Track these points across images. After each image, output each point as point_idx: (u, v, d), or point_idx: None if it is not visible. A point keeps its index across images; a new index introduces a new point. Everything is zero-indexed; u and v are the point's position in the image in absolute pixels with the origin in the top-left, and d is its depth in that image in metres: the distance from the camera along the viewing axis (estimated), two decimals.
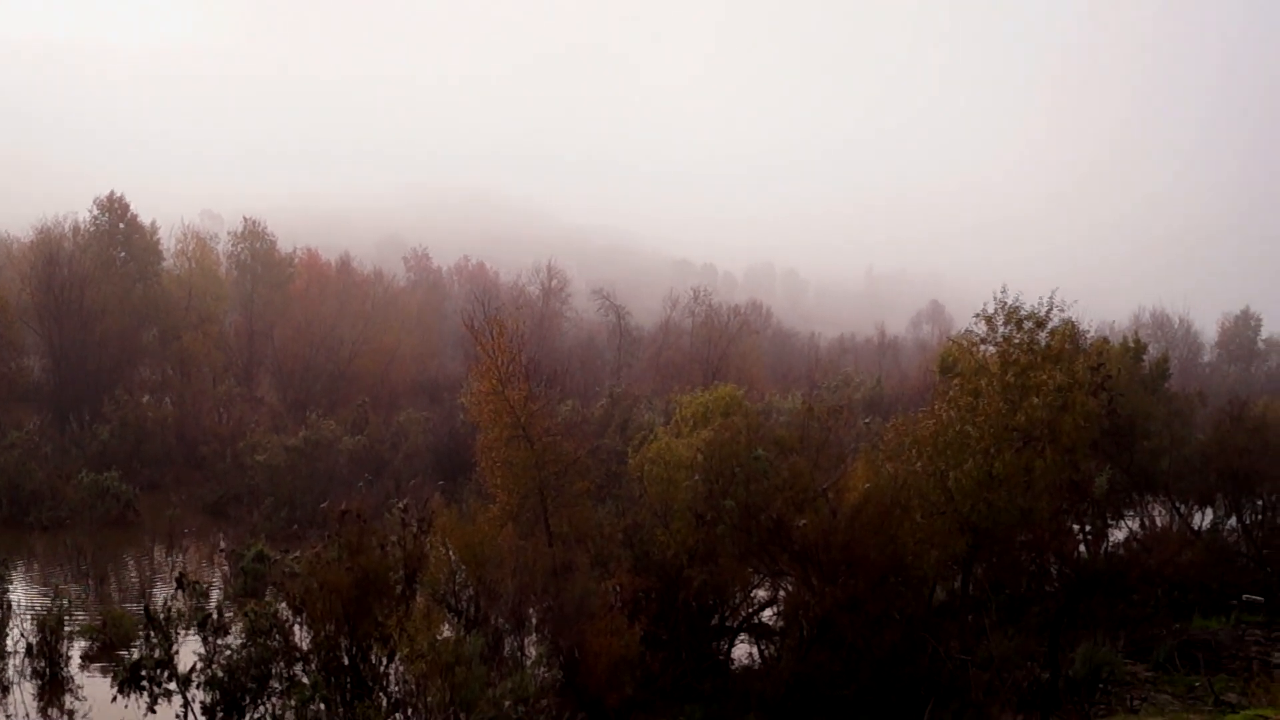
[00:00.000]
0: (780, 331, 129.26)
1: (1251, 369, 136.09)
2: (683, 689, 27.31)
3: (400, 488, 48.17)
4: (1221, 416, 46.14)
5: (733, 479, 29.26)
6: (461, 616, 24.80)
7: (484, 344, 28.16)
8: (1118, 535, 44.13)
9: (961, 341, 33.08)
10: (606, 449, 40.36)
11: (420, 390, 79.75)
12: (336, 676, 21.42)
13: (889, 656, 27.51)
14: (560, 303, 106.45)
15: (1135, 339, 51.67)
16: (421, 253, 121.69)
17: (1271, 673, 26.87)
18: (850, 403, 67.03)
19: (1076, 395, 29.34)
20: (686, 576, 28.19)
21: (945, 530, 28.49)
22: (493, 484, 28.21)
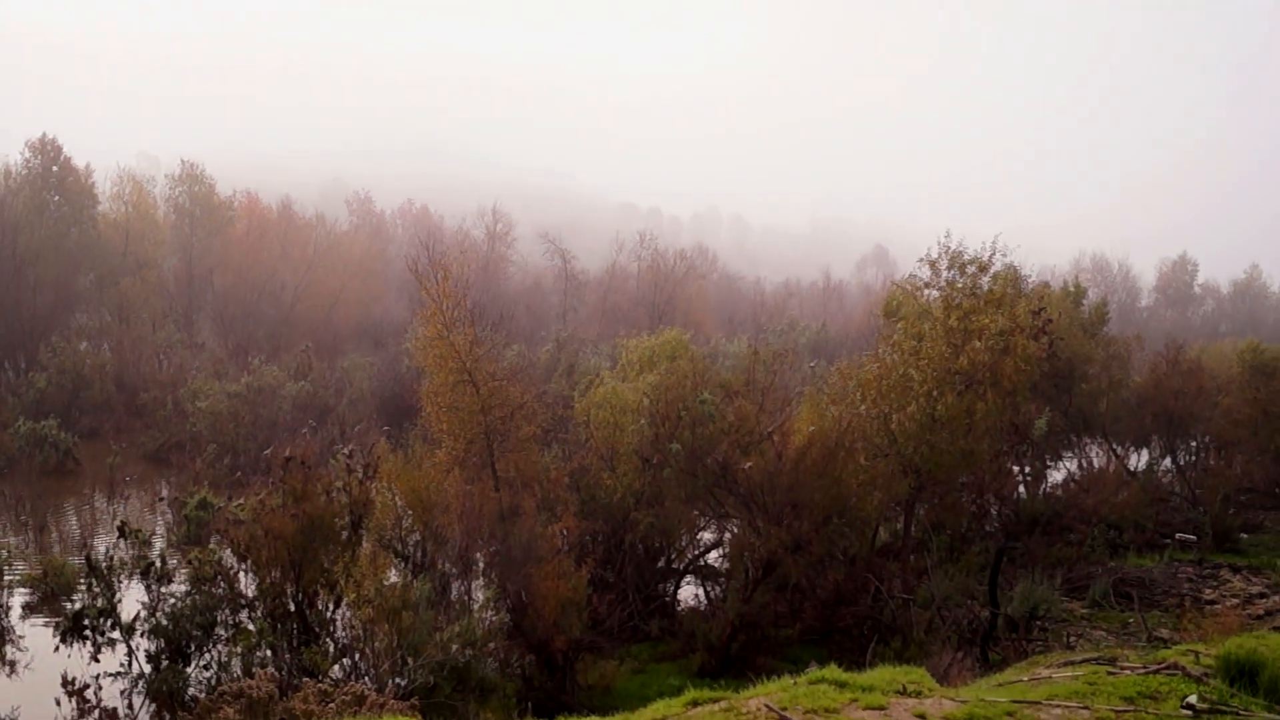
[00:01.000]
0: (726, 275, 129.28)
1: (1188, 313, 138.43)
2: (630, 630, 27.57)
3: (345, 434, 47.87)
4: (1158, 360, 46.99)
5: (679, 423, 29.38)
6: (408, 562, 24.76)
7: (428, 288, 27.88)
8: (1056, 476, 44.98)
9: (905, 286, 33.35)
10: (553, 393, 40.26)
11: (365, 335, 79.04)
12: (282, 623, 21.35)
13: (833, 596, 27.95)
14: (505, 247, 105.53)
15: (1075, 284, 52.34)
16: (364, 196, 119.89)
17: (1203, 609, 27.55)
18: (795, 346, 67.33)
19: (1017, 339, 29.74)
20: (633, 520, 28.37)
21: (888, 472, 28.87)
22: (438, 429, 28.05)
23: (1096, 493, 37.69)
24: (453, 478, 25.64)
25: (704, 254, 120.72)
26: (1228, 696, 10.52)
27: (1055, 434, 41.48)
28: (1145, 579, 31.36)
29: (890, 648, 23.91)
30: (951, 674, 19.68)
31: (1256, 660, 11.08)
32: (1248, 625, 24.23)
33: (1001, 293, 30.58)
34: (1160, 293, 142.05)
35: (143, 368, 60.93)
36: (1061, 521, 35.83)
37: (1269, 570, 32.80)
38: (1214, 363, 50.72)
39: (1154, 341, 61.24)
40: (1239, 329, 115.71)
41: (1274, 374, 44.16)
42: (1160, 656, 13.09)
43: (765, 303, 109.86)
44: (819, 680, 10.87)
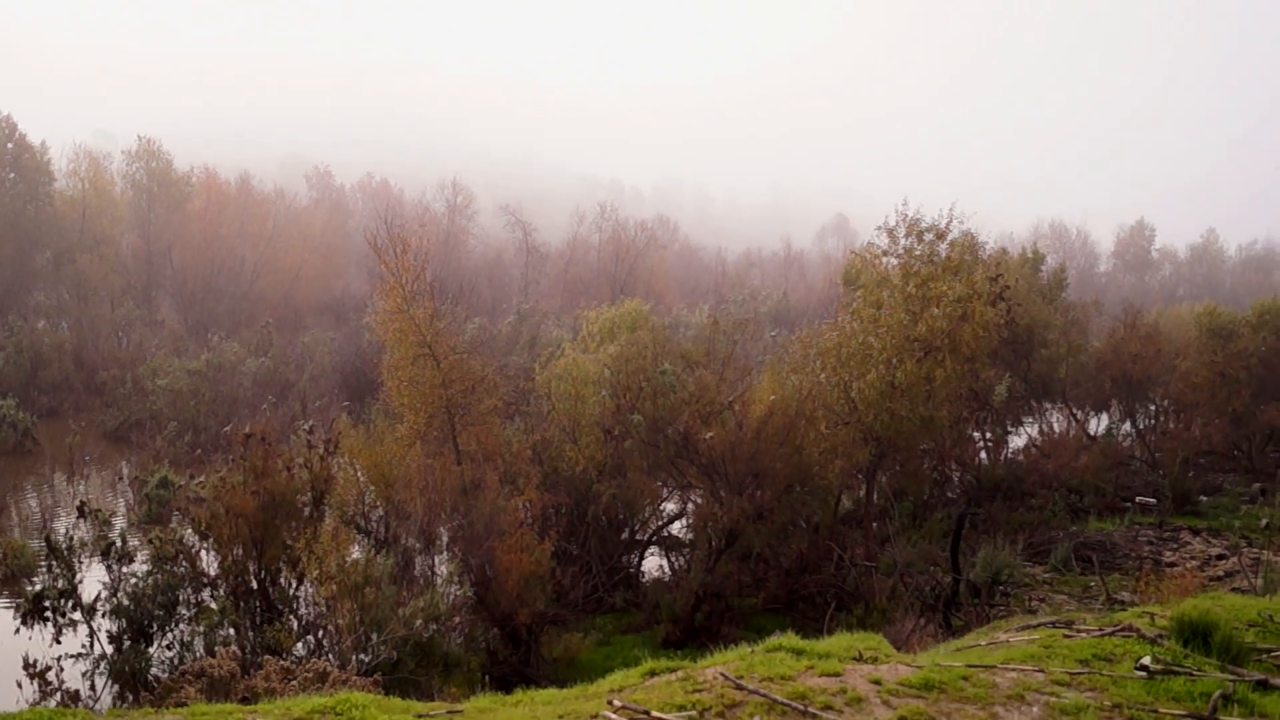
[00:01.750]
0: (688, 246, 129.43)
1: (1145, 278, 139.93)
2: (594, 602, 27.62)
3: (306, 409, 47.63)
4: (1116, 325, 47.39)
5: (640, 394, 29.39)
6: (371, 537, 24.71)
7: (388, 262, 27.71)
8: (1017, 442, 45.32)
9: (864, 254, 33.41)
10: (514, 366, 40.20)
11: (325, 310, 78.66)
12: (245, 601, 21.23)
13: (796, 565, 28.11)
14: (466, 220, 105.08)
15: (1034, 250, 52.68)
16: (324, 171, 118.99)
17: (1163, 571, 27.87)
18: (756, 316, 67.54)
19: (975, 305, 29.88)
20: (596, 491, 28.37)
21: (849, 440, 28.99)
22: (400, 404, 27.95)
23: (1057, 458, 38.04)
24: (414, 452, 25.57)
25: (665, 225, 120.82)
26: (1181, 657, 10.64)
27: (1015, 400, 41.82)
28: (1106, 542, 31.68)
29: (853, 615, 24.07)
30: (914, 640, 19.87)
31: (1210, 621, 11.20)
32: (1206, 586, 24.57)
33: (959, 260, 30.70)
34: (1118, 258, 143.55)
35: (101, 346, 60.36)
36: (1023, 487, 36.17)
37: (1228, 532, 33.23)
38: (1172, 327, 51.19)
39: (1112, 306, 61.78)
40: (1196, 293, 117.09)
41: (1230, 337, 44.61)
42: (1116, 619, 13.22)
43: (727, 273, 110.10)
44: (776, 648, 10.91)
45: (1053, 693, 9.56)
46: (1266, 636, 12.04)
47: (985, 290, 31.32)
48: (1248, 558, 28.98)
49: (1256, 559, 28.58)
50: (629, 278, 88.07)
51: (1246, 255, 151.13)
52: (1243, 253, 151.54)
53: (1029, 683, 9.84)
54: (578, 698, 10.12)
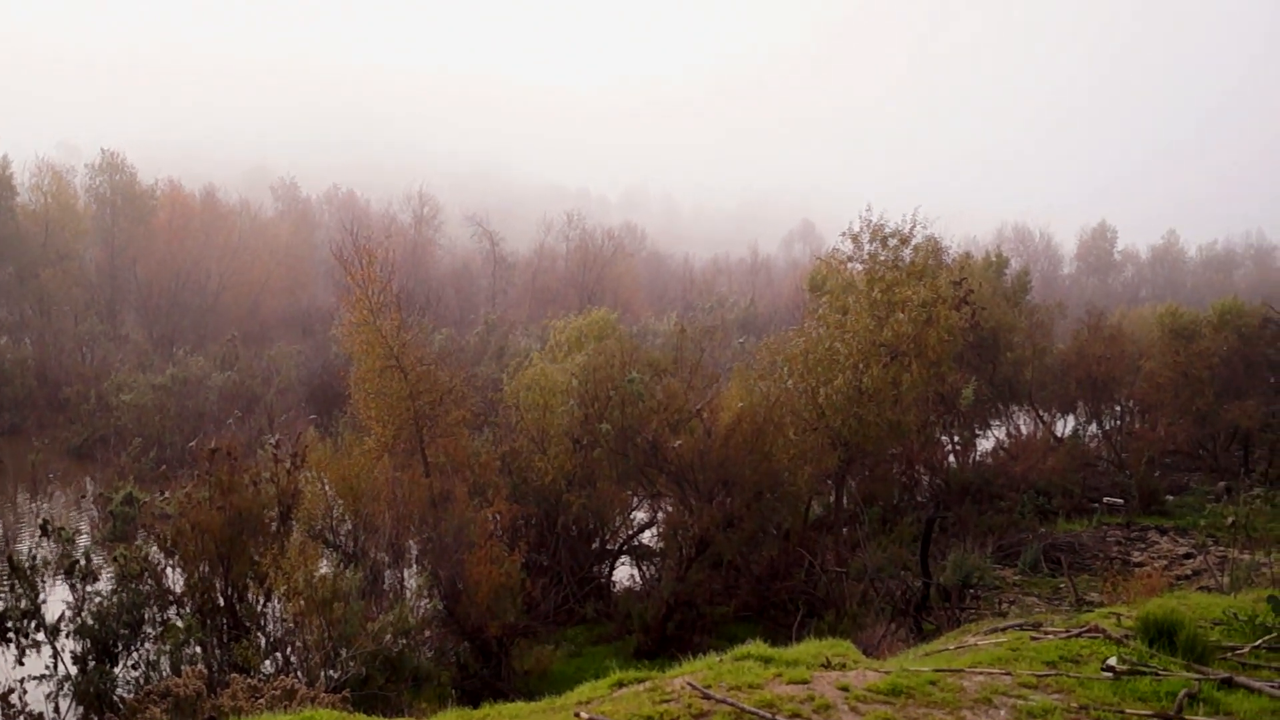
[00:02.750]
0: (655, 253, 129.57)
1: (1108, 280, 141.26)
2: (565, 613, 27.55)
3: (273, 423, 47.31)
4: (1080, 327, 47.81)
5: (608, 403, 29.36)
6: (339, 551, 24.54)
7: (353, 274, 27.58)
8: (985, 445, 45.59)
9: (830, 260, 33.54)
10: (482, 377, 40.09)
11: (292, 323, 78.16)
12: (212, 618, 21.04)
13: (767, 572, 28.12)
14: (433, 230, 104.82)
15: (997, 253, 53.02)
16: (289, 182, 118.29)
17: (1131, 571, 28.06)
18: (724, 323, 67.73)
19: (940, 310, 30.06)
20: (565, 501, 28.31)
21: (818, 446, 29.04)
22: (367, 416, 27.81)
23: (1025, 460, 38.27)
24: (383, 465, 25.43)
25: (633, 233, 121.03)
26: (1147, 657, 10.71)
27: (982, 403, 42.05)
28: (1075, 543, 31.90)
29: (824, 621, 24.10)
30: (884, 645, 19.89)
31: (1175, 620, 11.29)
32: (1173, 586, 24.73)
33: (923, 264, 30.91)
34: (1081, 260, 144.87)
35: (65, 361, 59.76)
36: (991, 489, 36.36)
37: (1194, 530, 33.51)
38: (1135, 328, 51.72)
39: (1076, 309, 62.28)
40: (1158, 294, 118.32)
41: (1192, 337, 45.08)
42: (1083, 620, 13.30)
43: (694, 280, 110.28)
44: (745, 656, 10.90)
45: (1020, 695, 9.60)
46: (1231, 634, 12.14)
47: (950, 295, 31.53)
48: (1214, 556, 29.23)
49: (1223, 557, 28.84)
50: (597, 286, 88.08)
51: (1207, 256, 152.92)
52: (1203, 253, 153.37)
53: (996, 686, 9.88)
54: (545, 711, 10.08)
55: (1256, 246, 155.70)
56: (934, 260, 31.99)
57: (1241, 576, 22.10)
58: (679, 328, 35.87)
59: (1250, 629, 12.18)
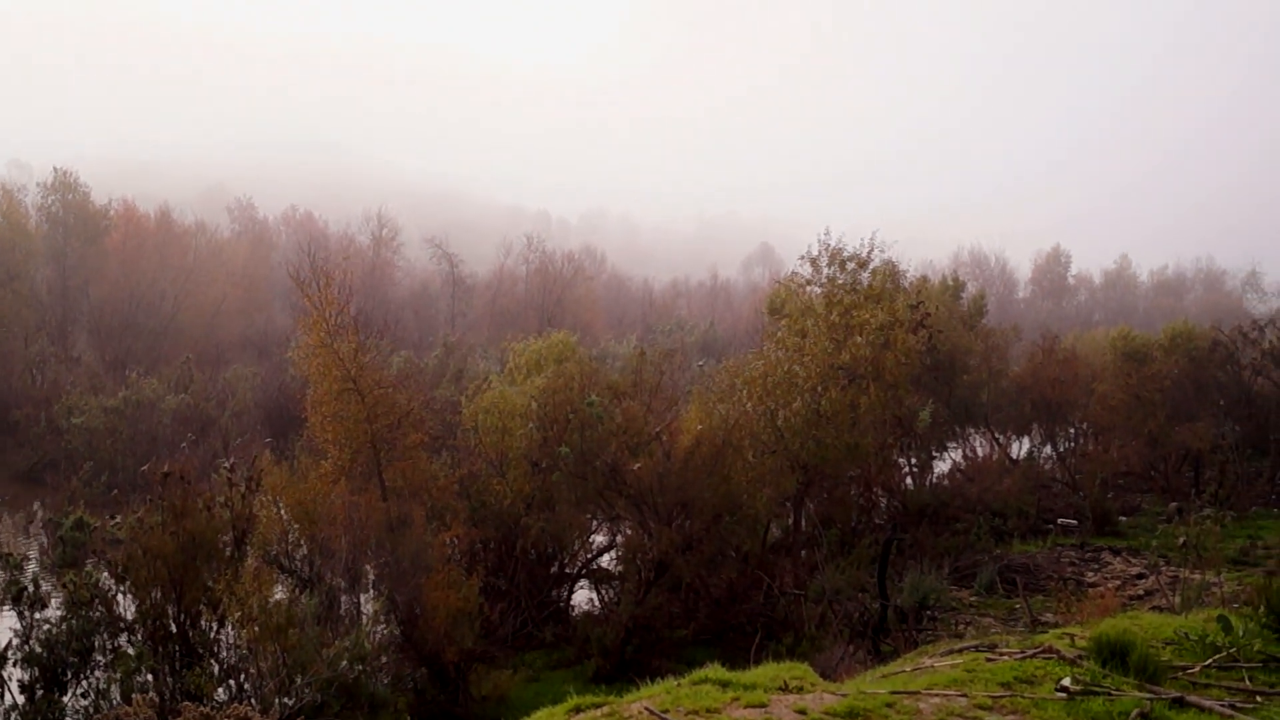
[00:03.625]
0: (615, 276, 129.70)
1: (1062, 304, 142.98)
2: (523, 638, 27.43)
3: (228, 447, 46.81)
4: (1035, 350, 48.30)
5: (568, 426, 29.31)
6: (294, 576, 24.30)
7: (310, 296, 27.38)
8: (942, 467, 45.88)
9: (788, 283, 33.75)
10: (441, 399, 39.79)
11: (248, 345, 77.52)
12: (164, 645, 20.77)
13: (726, 595, 28.14)
14: (392, 252, 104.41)
15: (954, 277, 53.57)
16: (246, 203, 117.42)
17: (1085, 591, 28.29)
18: (684, 345, 67.84)
19: (898, 333, 30.31)
20: (524, 525, 28.20)
21: (776, 469, 29.15)
22: (324, 439, 27.56)
23: (980, 481, 38.57)
24: (339, 488, 25.24)
25: (592, 255, 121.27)
26: (1100, 677, 10.81)
27: (939, 425, 42.33)
28: (1030, 564, 32.12)
29: (783, 644, 24.13)
30: (842, 667, 19.94)
31: (1127, 640, 11.41)
32: (1126, 606, 24.93)
33: (881, 288, 31.18)
34: (1036, 284, 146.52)
35: (14, 384, 58.79)
36: (948, 511, 36.58)
37: (1146, 551, 33.81)
38: (1088, 351, 52.29)
39: (1031, 332, 62.86)
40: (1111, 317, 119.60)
41: (1144, 360, 45.66)
42: (1037, 641, 13.41)
43: (654, 302, 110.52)
44: (702, 680, 10.92)
45: (975, 717, 9.67)
46: (1183, 654, 12.29)
47: (907, 318, 31.79)
48: (1166, 576, 29.51)
49: (1174, 577, 29.10)
50: (556, 309, 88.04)
51: (1158, 280, 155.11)
52: (1154, 278, 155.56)
53: (952, 707, 9.94)
54: None
55: (1206, 271, 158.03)
56: (891, 284, 32.29)
57: (1192, 596, 22.36)
58: (639, 350, 35.88)
59: (1201, 648, 12.33)
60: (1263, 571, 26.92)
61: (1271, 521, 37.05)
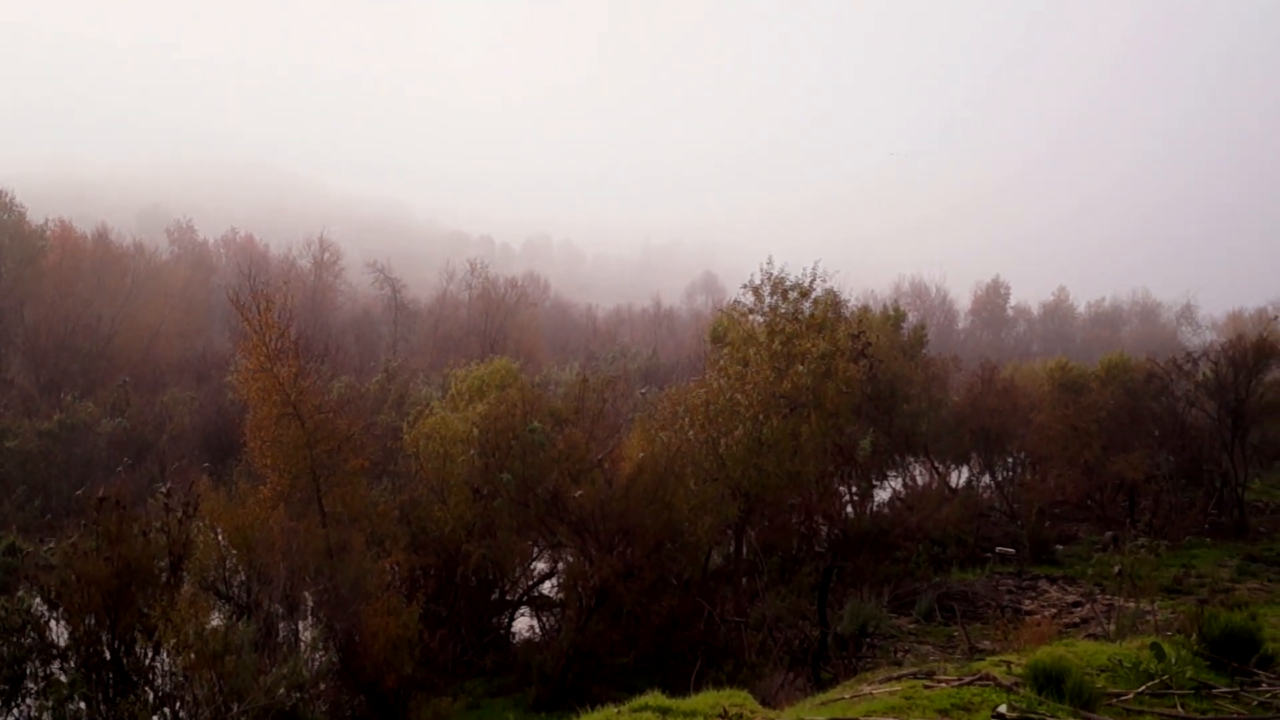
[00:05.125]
0: (558, 303, 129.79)
1: (1001, 335, 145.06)
2: (463, 665, 27.25)
3: (165, 471, 46.11)
4: (974, 380, 48.88)
5: (509, 452, 29.25)
6: (232, 603, 24.00)
7: (250, 319, 27.16)
8: (882, 495, 46.15)
9: (731, 312, 33.95)
10: (382, 425, 39.58)
11: (186, 369, 76.40)
12: (97, 673, 20.40)
13: (666, 622, 28.10)
14: (333, 276, 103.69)
15: (895, 307, 53.99)
16: (186, 224, 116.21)
17: (1022, 619, 28.61)
18: (626, 373, 67.88)
19: (839, 362, 30.57)
20: (465, 552, 28.07)
21: (718, 496, 29.23)
22: (263, 465, 27.30)
23: (920, 510, 38.91)
24: (278, 514, 24.97)
25: (536, 282, 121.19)
26: (1036, 704, 10.94)
27: (880, 454, 42.62)
28: (968, 592, 32.41)
29: (723, 671, 24.13)
30: (782, 694, 19.98)
31: (1063, 668, 11.56)
32: (1062, 633, 25.23)
33: (823, 317, 31.43)
34: (976, 315, 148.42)
35: None
36: (888, 539, 36.82)
37: (1082, 579, 34.27)
38: (1026, 381, 52.93)
39: (971, 362, 63.51)
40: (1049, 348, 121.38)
41: (1081, 391, 46.37)
42: (974, 668, 13.54)
43: (597, 330, 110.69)
44: (642, 707, 10.92)
45: None
46: (1117, 681, 12.46)
47: (848, 347, 32.10)
48: (1101, 604, 29.93)
49: (1109, 605, 29.53)
50: (499, 335, 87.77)
51: (1095, 312, 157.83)
52: (1091, 310, 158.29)
53: None
54: None
55: (1142, 304, 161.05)
56: (833, 313, 32.56)
57: (1127, 624, 22.73)
58: (581, 377, 35.94)
59: (1135, 675, 12.51)
60: (1195, 600, 27.43)
61: (1204, 551, 37.69)
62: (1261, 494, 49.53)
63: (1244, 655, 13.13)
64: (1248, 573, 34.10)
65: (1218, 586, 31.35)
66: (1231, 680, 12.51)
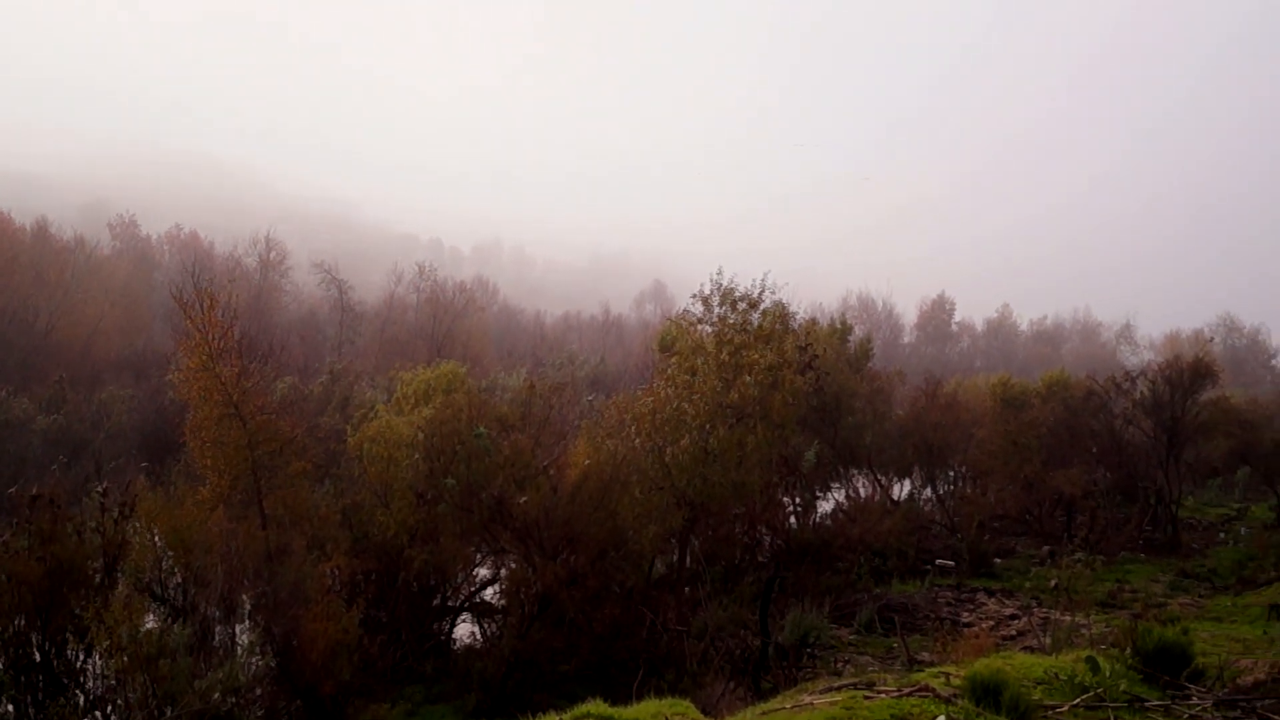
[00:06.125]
0: (507, 308, 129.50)
1: (946, 349, 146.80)
2: (403, 671, 27.01)
3: (101, 470, 45.37)
4: (918, 394, 49.34)
5: (454, 457, 29.08)
6: (167, 605, 23.64)
7: (193, 317, 26.80)
8: (825, 507, 46.40)
9: (680, 321, 34.00)
10: (326, 427, 39.21)
11: (126, 366, 75.25)
12: (27, 675, 20.00)
13: (609, 630, 28.04)
14: (279, 275, 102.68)
15: (842, 320, 54.44)
16: (129, 219, 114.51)
17: (960, 631, 28.83)
18: (574, 380, 67.75)
19: (786, 374, 30.69)
20: (407, 557, 27.87)
21: (663, 505, 29.23)
22: (202, 465, 26.95)
23: (862, 522, 39.12)
24: (217, 516, 24.65)
25: (484, 286, 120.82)
26: (974, 716, 11.04)
27: (824, 465, 42.90)
28: (908, 604, 32.63)
29: (665, 680, 24.13)
30: (723, 704, 19.99)
31: (1000, 680, 11.68)
32: (1000, 646, 25.46)
33: (771, 329, 31.54)
34: (921, 330, 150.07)
35: None
36: (830, 550, 36.99)
37: (1020, 592, 34.63)
38: (969, 396, 53.56)
39: (915, 376, 64.08)
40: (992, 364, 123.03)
41: (1022, 407, 46.97)
42: (914, 679, 13.62)
43: (545, 336, 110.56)
44: (583, 715, 10.90)
45: None
46: (1053, 693, 12.60)
47: (795, 359, 32.23)
48: (1038, 617, 30.27)
49: (1046, 618, 29.87)
50: (447, 339, 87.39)
51: (1037, 330, 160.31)
52: (1034, 327, 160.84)
53: None
54: None
55: (1083, 322, 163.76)
56: (781, 325, 32.65)
57: (1063, 637, 23.02)
58: (529, 383, 35.85)
59: (1070, 688, 12.67)
60: (1129, 614, 27.78)
61: (1138, 566, 38.25)
62: (1194, 511, 50.44)
63: (1176, 669, 13.36)
64: (1180, 588, 34.67)
65: (1151, 601, 31.79)
66: (1164, 693, 12.73)
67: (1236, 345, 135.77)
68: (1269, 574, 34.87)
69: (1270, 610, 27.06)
